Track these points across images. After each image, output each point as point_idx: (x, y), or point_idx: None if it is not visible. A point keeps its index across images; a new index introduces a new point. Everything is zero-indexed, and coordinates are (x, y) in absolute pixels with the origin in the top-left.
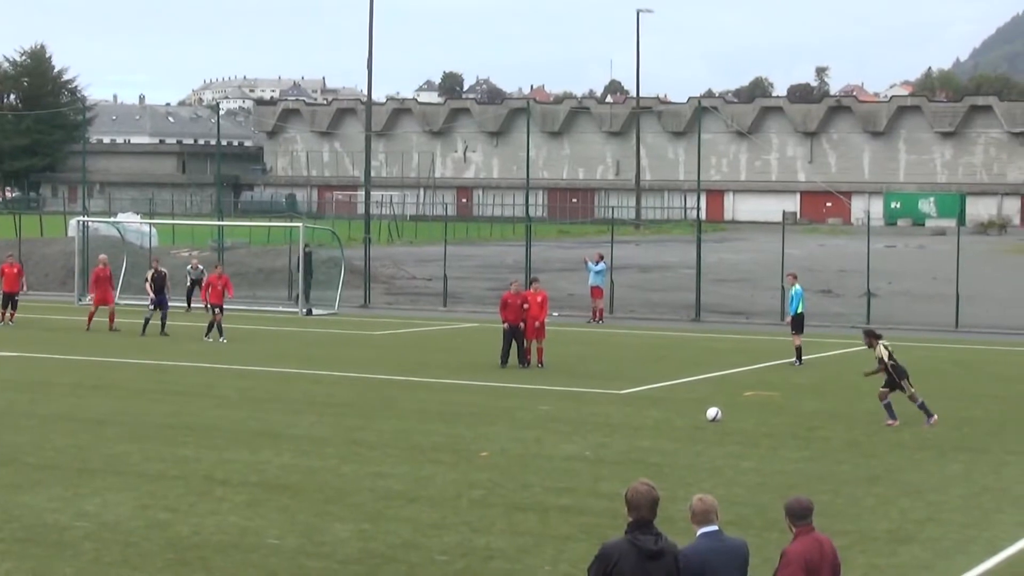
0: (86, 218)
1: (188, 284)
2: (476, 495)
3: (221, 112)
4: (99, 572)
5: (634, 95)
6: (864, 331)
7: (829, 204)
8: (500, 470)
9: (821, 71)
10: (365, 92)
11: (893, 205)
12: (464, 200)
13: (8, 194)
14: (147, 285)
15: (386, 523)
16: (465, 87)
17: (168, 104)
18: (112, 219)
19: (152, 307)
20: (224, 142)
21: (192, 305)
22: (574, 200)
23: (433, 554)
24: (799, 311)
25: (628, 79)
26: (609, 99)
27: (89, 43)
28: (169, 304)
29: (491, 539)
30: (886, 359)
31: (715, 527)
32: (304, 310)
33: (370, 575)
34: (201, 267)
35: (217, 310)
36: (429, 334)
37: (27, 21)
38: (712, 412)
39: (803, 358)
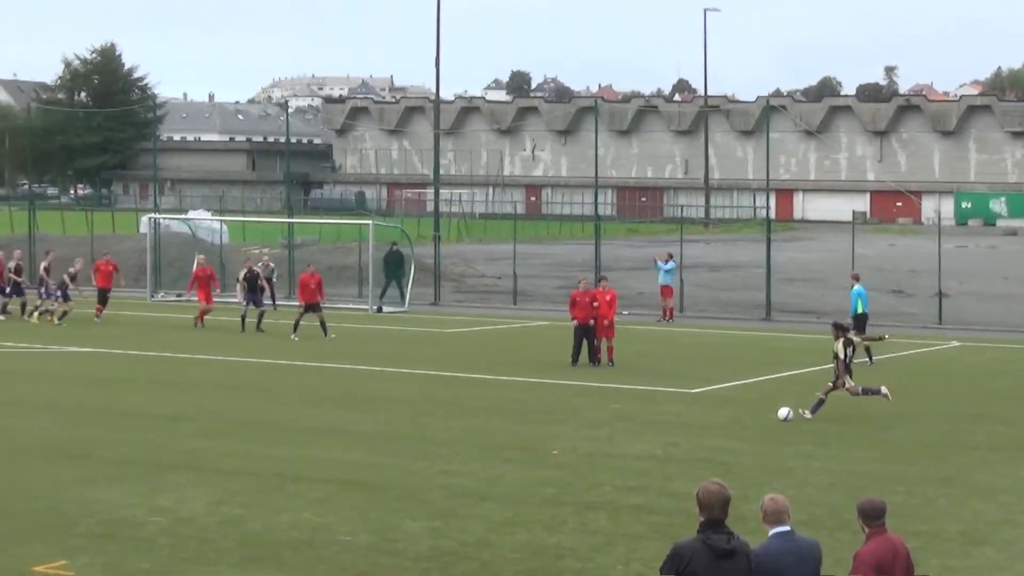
0: (157, 215)
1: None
2: (547, 493)
3: (290, 110)
4: (174, 567)
5: (702, 94)
6: (833, 324)
7: (899, 204)
8: (571, 468)
9: (890, 70)
10: (433, 90)
11: (964, 205)
12: (533, 198)
13: (80, 191)
14: (239, 284)
15: (457, 521)
16: (533, 85)
17: (237, 102)
18: (183, 216)
19: (247, 304)
20: (293, 140)
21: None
22: (643, 199)
23: (504, 552)
24: (860, 311)
25: (695, 78)
26: (677, 98)
27: (159, 41)
28: (273, 301)
29: (562, 538)
30: (840, 355)
31: (787, 527)
32: (374, 307)
33: (442, 572)
34: (272, 265)
35: (311, 309)
36: (499, 332)
37: (98, 20)
38: (783, 412)
39: (874, 358)
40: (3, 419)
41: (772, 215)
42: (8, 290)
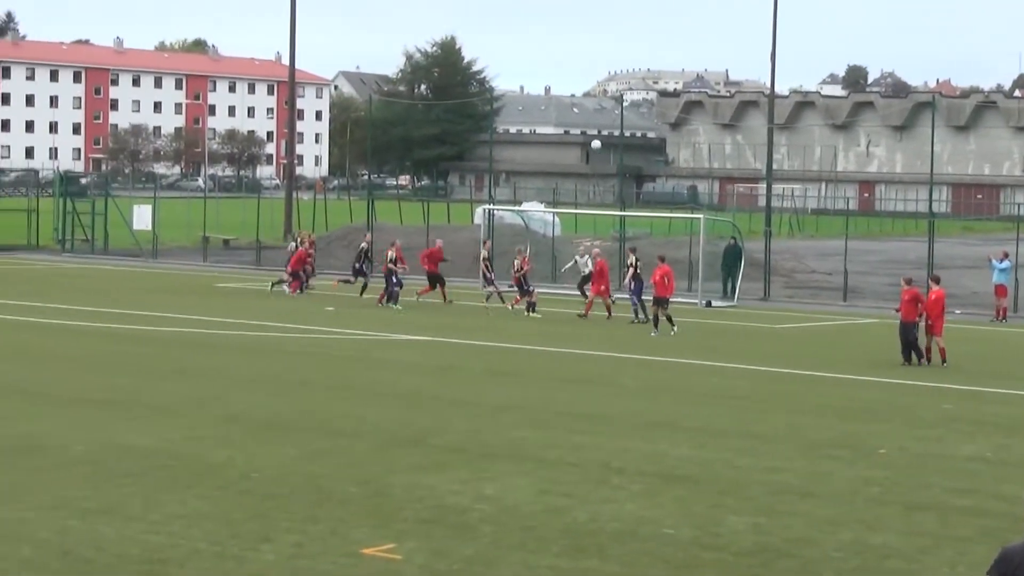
0: (492, 206)
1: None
2: (872, 492)
3: (625, 103)
4: (497, 554)
5: None
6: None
7: None
8: (898, 468)
9: None
10: (768, 85)
11: None
12: (866, 195)
13: (403, 183)
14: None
15: (780, 517)
16: (869, 80)
17: (573, 95)
18: (517, 207)
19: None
20: (627, 133)
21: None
22: (979, 196)
23: (828, 550)
24: None
25: None
26: (1017, 93)
27: (498, 35)
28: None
29: (887, 538)
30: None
31: None
32: (704, 302)
33: (763, 569)
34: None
35: (660, 304)
36: (828, 328)
37: (438, 13)
38: None
39: None
40: (338, 405)
41: None
42: (396, 278)
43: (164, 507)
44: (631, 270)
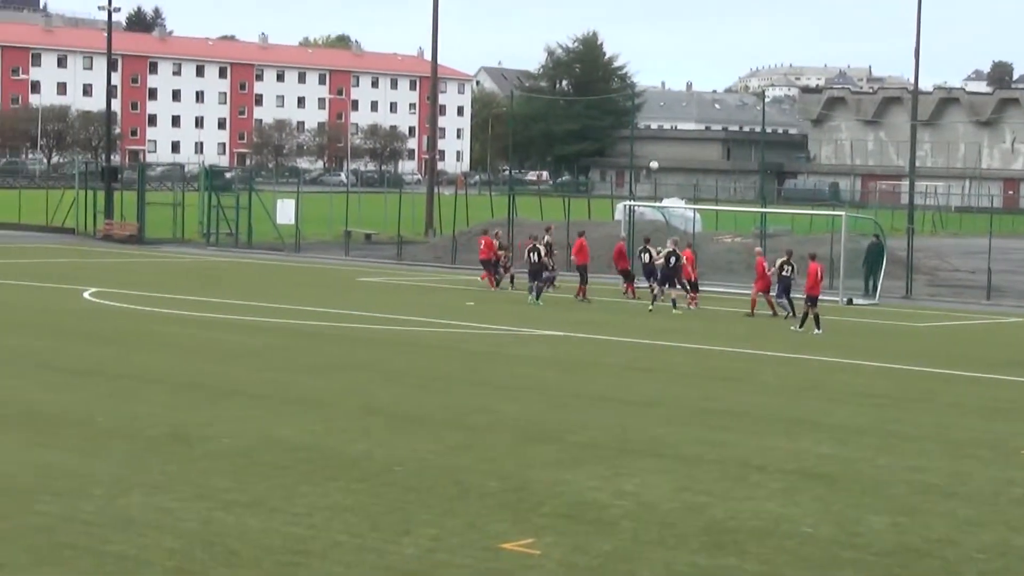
0: (632, 202)
1: None
2: (1016, 493)
3: (767, 99)
4: (636, 550)
5: None
6: None
7: None
8: None
9: None
10: (912, 81)
11: None
12: (1011, 192)
13: (539, 177)
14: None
15: (922, 517)
16: (1015, 76)
17: (714, 91)
18: (657, 204)
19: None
20: (769, 129)
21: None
22: None
23: (970, 551)
24: None
25: None
26: None
27: (640, 30)
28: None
29: None
30: None
31: None
32: (845, 299)
33: (904, 569)
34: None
35: (811, 302)
36: (971, 327)
37: (580, 9)
38: None
39: None
40: (477, 399)
41: None
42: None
43: (306, 499)
44: (781, 267)
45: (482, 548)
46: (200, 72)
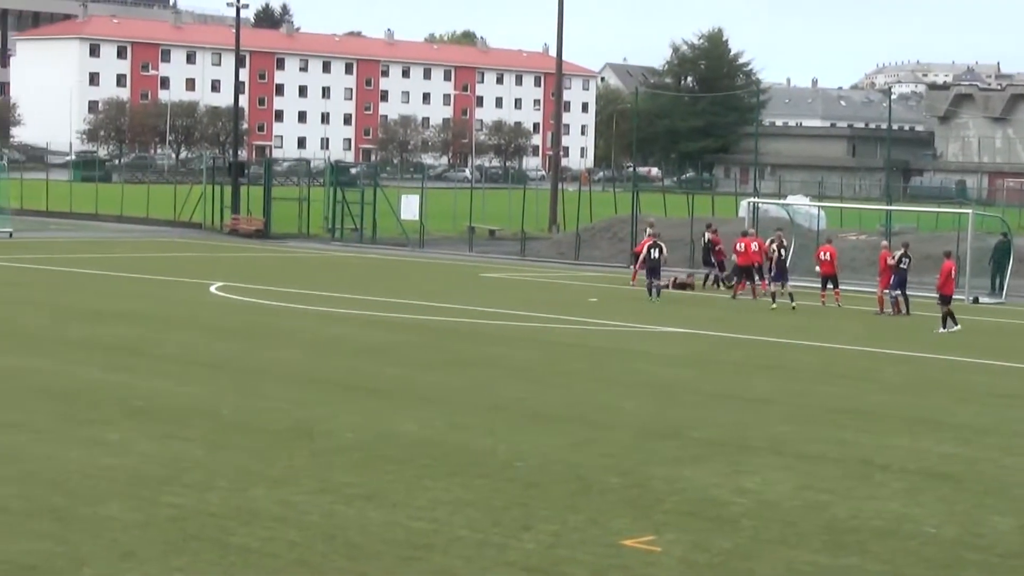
0: (756, 199)
1: None
2: None
3: (893, 96)
4: (756, 548)
5: None
6: None
7: None
8: None
9: None
10: None
11: None
12: None
13: (653, 174)
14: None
15: None
16: None
17: (840, 88)
18: (782, 201)
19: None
20: (895, 127)
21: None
22: None
23: None
24: None
25: None
26: None
27: (766, 27)
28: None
29: None
30: None
31: None
32: (971, 298)
33: None
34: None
35: (944, 301)
36: None
37: (706, 5)
38: None
39: None
40: (598, 396)
41: None
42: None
43: (428, 493)
44: (899, 260)
45: (603, 544)
46: (326, 68)
